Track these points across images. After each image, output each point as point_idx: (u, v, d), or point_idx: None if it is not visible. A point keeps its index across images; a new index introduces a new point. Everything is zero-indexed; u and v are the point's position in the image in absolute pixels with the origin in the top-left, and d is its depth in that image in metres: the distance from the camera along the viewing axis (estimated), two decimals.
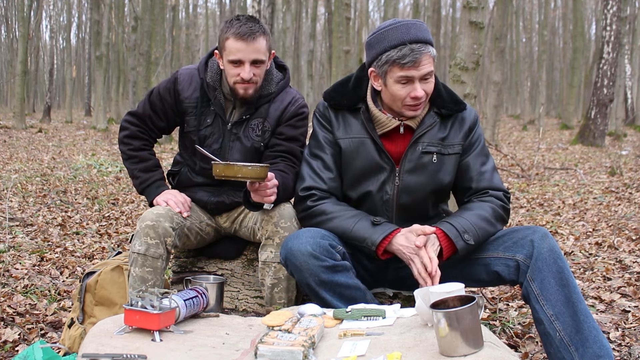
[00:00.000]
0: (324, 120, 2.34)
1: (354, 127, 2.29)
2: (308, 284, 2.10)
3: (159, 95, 2.59)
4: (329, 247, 2.10)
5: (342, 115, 2.31)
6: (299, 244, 2.07)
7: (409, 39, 2.09)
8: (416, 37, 2.10)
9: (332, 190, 2.31)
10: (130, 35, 18.64)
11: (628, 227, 5.35)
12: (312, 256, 2.05)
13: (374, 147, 2.26)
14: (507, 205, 2.28)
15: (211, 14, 44.63)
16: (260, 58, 2.40)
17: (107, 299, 2.55)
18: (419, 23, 2.17)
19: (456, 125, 2.30)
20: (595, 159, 11.94)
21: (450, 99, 2.29)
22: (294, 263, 2.08)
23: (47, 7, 29.26)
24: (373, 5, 43.27)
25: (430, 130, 2.26)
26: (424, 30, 2.14)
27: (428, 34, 2.15)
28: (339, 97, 2.31)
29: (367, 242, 2.14)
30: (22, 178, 8.46)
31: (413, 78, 2.12)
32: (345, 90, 2.31)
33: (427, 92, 2.17)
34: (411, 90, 2.13)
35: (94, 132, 19.45)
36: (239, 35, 2.35)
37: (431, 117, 2.27)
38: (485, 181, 2.29)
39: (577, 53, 22.51)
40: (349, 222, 2.19)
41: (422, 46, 2.09)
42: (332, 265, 2.08)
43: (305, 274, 2.07)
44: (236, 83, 2.42)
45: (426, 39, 2.12)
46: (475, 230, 2.16)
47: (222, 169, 2.15)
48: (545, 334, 2.01)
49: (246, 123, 2.53)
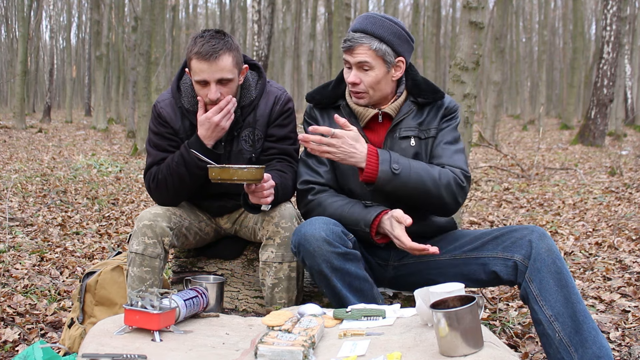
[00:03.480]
0: (311, 120, 2.45)
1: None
2: (320, 271, 2.09)
3: (156, 135, 2.48)
4: (342, 234, 2.12)
5: (326, 113, 2.42)
6: (313, 229, 2.08)
7: (354, 28, 2.25)
8: (361, 27, 2.23)
9: (330, 183, 2.37)
10: (130, 35, 18.61)
11: (628, 227, 5.35)
12: (325, 242, 2.06)
13: None
14: (462, 183, 2.26)
15: (211, 14, 44.65)
16: (226, 77, 2.28)
17: (107, 299, 2.55)
18: (380, 18, 2.26)
19: (433, 111, 2.37)
20: (595, 159, 11.94)
21: (429, 89, 2.37)
22: (307, 248, 2.08)
23: (47, 7, 29.27)
24: (373, 5, 43.24)
25: (407, 117, 2.35)
26: (377, 25, 2.23)
27: (379, 29, 2.23)
28: (319, 96, 2.44)
29: (361, 224, 2.19)
30: (22, 178, 8.46)
31: (350, 63, 2.26)
32: (325, 90, 2.44)
33: (364, 81, 2.26)
34: (349, 75, 2.27)
35: (94, 132, 19.46)
36: (200, 55, 2.24)
37: (408, 105, 2.36)
38: (445, 158, 2.31)
39: (577, 53, 22.51)
40: (345, 207, 2.25)
41: (362, 36, 2.22)
42: (345, 252, 2.09)
43: (318, 259, 2.07)
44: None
45: (371, 32, 2.22)
46: (409, 168, 2.18)
47: (217, 172, 2.15)
48: (545, 334, 2.01)
49: (237, 138, 2.46)
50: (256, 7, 12.50)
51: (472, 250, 2.23)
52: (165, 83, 13.58)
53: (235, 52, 2.30)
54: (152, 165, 2.46)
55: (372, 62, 2.23)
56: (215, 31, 2.32)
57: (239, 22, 29.73)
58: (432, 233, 2.36)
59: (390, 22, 2.25)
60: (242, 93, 2.46)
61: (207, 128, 2.33)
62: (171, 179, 2.38)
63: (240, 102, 2.45)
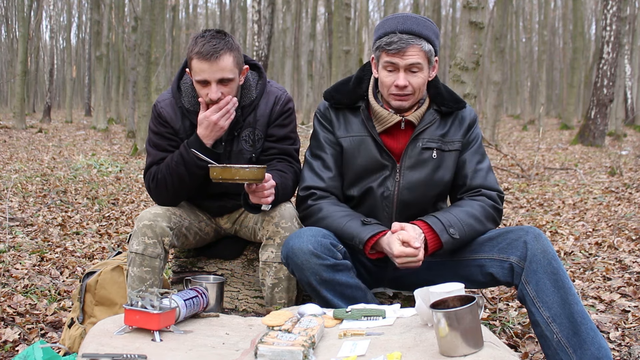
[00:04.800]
0: (325, 120, 2.37)
1: (354, 125, 2.32)
2: (309, 283, 2.10)
3: (156, 135, 2.48)
4: (330, 245, 2.10)
5: (342, 115, 2.35)
6: (301, 242, 2.07)
7: (401, 29, 2.17)
8: (409, 29, 2.17)
9: (332, 190, 2.33)
10: (130, 35, 18.62)
11: (628, 227, 5.35)
12: (313, 255, 2.05)
13: (374, 145, 2.29)
14: (499, 205, 2.28)
15: (211, 14, 44.63)
16: (227, 76, 2.28)
17: (107, 299, 2.55)
18: (421, 19, 2.21)
19: (456, 122, 2.32)
20: (595, 159, 11.94)
21: (450, 98, 2.32)
22: (295, 262, 2.08)
23: (47, 7, 29.26)
24: (373, 5, 43.26)
25: (430, 127, 2.29)
26: (421, 25, 2.18)
27: (425, 29, 2.18)
28: (339, 95, 2.35)
29: (355, 240, 2.16)
30: (22, 178, 8.46)
31: (398, 66, 2.18)
32: (345, 89, 2.35)
33: (413, 84, 2.20)
34: (396, 78, 2.19)
35: (94, 132, 19.47)
36: (201, 55, 2.24)
37: (431, 114, 2.30)
38: (479, 179, 2.30)
39: (577, 53, 22.51)
40: (342, 220, 2.21)
41: (411, 37, 2.16)
42: (333, 264, 2.09)
43: (306, 272, 2.07)
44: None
45: (419, 32, 2.17)
46: (461, 225, 2.17)
47: (219, 172, 2.14)
48: (543, 336, 2.00)
49: (237, 138, 2.46)
50: (256, 7, 12.50)
51: (469, 252, 2.23)
52: (165, 83, 13.57)
53: (236, 52, 2.30)
54: (152, 165, 2.46)
55: (422, 63, 2.18)
56: (216, 31, 2.32)
57: (239, 22, 29.72)
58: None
59: (430, 22, 2.23)
60: (242, 93, 2.46)
61: (205, 127, 2.33)
62: (170, 179, 2.38)
63: (240, 102, 2.44)
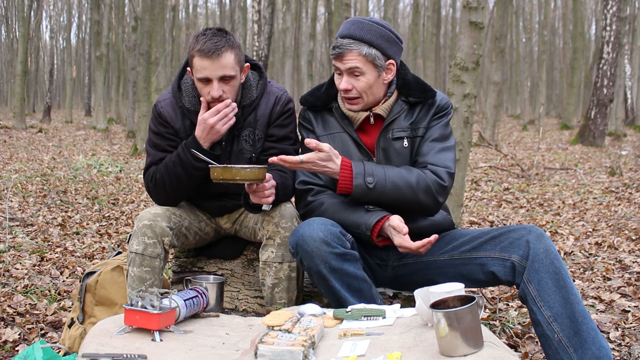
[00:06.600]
0: (306, 122, 2.46)
1: (331, 124, 2.40)
2: (319, 271, 2.09)
3: (156, 135, 2.48)
4: (340, 234, 2.12)
5: (320, 115, 2.43)
6: (311, 230, 2.08)
7: (341, 34, 2.23)
8: (348, 33, 2.21)
9: (328, 184, 2.36)
10: (130, 35, 18.60)
11: (628, 227, 5.36)
12: (323, 242, 2.06)
13: (351, 140, 2.35)
14: (443, 182, 2.25)
15: (211, 14, 44.63)
16: (228, 74, 2.28)
17: (107, 299, 2.55)
18: (367, 22, 2.24)
19: (424, 109, 2.36)
20: (595, 159, 11.94)
21: (418, 87, 2.35)
22: (305, 249, 2.08)
23: (47, 7, 29.27)
24: (373, 5, 43.28)
25: (399, 117, 2.33)
26: (365, 29, 2.21)
27: (367, 34, 2.21)
28: (312, 99, 2.43)
29: (362, 227, 2.18)
30: (22, 178, 8.47)
31: (340, 70, 2.25)
32: (318, 93, 2.43)
33: (357, 88, 2.25)
34: (340, 82, 2.26)
35: (94, 132, 19.47)
36: (203, 53, 2.24)
37: (399, 105, 2.35)
38: (430, 156, 2.30)
39: (577, 53, 22.51)
40: (346, 211, 2.24)
41: (351, 42, 2.21)
42: (343, 252, 2.09)
43: (316, 260, 2.07)
44: (210, 102, 2.34)
45: (360, 37, 2.20)
46: (384, 180, 2.18)
47: (220, 172, 2.14)
48: (544, 335, 2.00)
49: (237, 138, 2.46)
50: (256, 7, 12.49)
51: (470, 251, 2.23)
52: (165, 83, 13.57)
53: (237, 50, 2.31)
54: (152, 165, 2.46)
55: (362, 67, 2.22)
56: (217, 29, 2.33)
57: (239, 22, 29.72)
58: (429, 231, 2.35)
59: (378, 26, 2.23)
60: (243, 93, 2.46)
61: (202, 129, 2.33)
62: (169, 179, 2.38)
63: (241, 102, 2.44)
